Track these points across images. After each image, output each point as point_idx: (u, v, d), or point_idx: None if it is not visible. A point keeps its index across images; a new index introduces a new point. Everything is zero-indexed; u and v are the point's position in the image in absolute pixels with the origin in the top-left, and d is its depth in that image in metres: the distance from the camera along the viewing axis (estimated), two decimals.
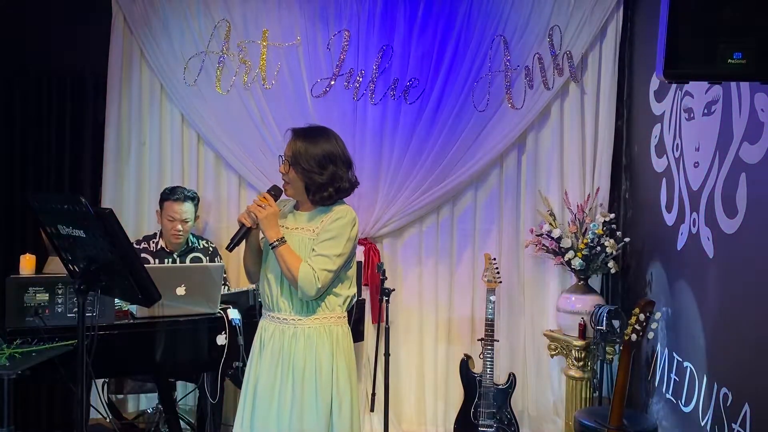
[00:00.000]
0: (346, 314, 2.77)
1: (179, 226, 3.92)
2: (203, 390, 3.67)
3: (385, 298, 3.86)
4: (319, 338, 2.66)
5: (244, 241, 2.74)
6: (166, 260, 3.97)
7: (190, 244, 4.06)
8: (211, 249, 4.13)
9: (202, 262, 4.04)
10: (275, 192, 2.73)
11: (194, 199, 4.04)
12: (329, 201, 2.68)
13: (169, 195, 3.97)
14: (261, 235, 2.76)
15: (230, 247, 2.72)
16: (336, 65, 4.32)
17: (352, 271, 2.77)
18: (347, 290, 2.75)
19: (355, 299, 2.82)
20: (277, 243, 2.61)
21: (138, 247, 3.97)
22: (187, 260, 4.01)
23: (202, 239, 4.16)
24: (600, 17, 4.23)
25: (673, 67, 1.76)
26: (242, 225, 2.70)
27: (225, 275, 4.18)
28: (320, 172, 2.62)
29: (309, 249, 2.64)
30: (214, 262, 4.05)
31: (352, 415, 2.69)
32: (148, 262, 3.91)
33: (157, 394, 3.89)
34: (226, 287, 4.02)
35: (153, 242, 4.01)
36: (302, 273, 2.58)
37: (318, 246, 2.63)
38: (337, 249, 2.62)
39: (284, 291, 2.68)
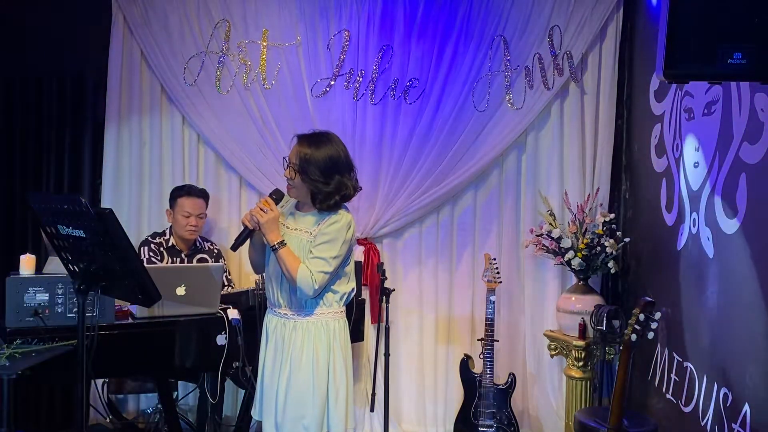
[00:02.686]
0: (343, 309, 2.90)
1: (194, 221, 3.97)
2: (203, 390, 3.67)
3: (385, 298, 3.86)
4: (316, 332, 2.80)
5: (248, 240, 2.88)
6: (176, 259, 3.99)
7: (198, 246, 4.09)
8: (215, 251, 4.15)
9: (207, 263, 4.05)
10: (277, 196, 2.84)
11: (205, 196, 4.09)
12: (335, 208, 2.80)
13: (183, 191, 4.01)
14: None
15: (234, 248, 2.87)
16: (336, 65, 4.32)
17: (350, 267, 2.90)
18: (345, 286, 2.88)
19: (353, 293, 2.94)
20: (277, 246, 2.74)
21: (153, 240, 4.01)
22: (194, 261, 4.03)
23: (207, 241, 4.18)
24: (600, 17, 4.23)
25: (673, 67, 1.77)
26: (245, 227, 2.82)
27: (230, 276, 4.19)
28: (327, 182, 2.75)
29: (307, 250, 2.76)
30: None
31: (347, 405, 2.84)
32: (163, 257, 3.95)
33: (157, 394, 3.89)
34: (230, 288, 4.04)
35: (164, 239, 4.04)
36: (300, 275, 2.71)
37: (315, 249, 2.75)
38: (333, 251, 2.75)
39: (283, 289, 2.83)
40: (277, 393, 2.80)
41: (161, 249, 3.99)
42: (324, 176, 2.73)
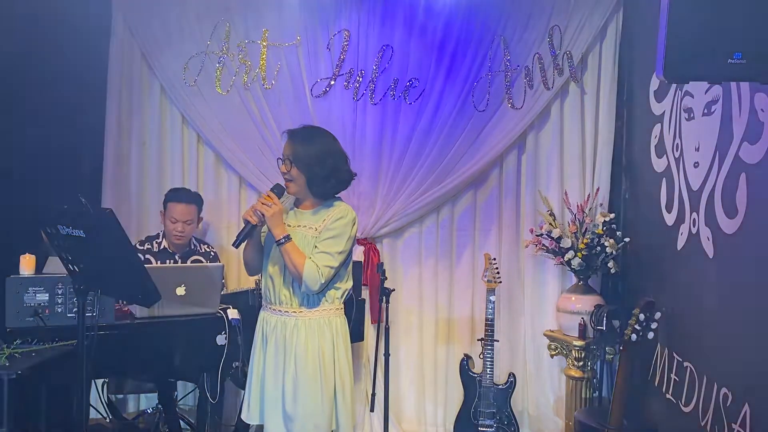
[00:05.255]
0: (343, 306, 2.92)
1: (180, 228, 3.94)
2: (203, 390, 3.67)
3: (385, 298, 3.86)
4: (319, 328, 2.80)
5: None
6: (168, 261, 3.98)
7: (192, 247, 4.08)
8: (212, 254, 4.14)
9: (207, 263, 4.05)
10: (278, 191, 2.84)
11: (197, 201, 4.06)
12: (332, 192, 2.83)
13: (172, 197, 3.99)
14: (263, 231, 2.87)
15: (236, 244, 2.84)
16: (336, 65, 4.32)
17: (349, 266, 2.92)
18: (345, 284, 2.90)
19: (351, 291, 2.98)
20: (283, 240, 2.74)
21: (141, 247, 3.98)
22: (188, 262, 4.02)
23: (204, 243, 4.17)
24: (600, 17, 4.23)
25: (673, 67, 1.76)
26: (247, 222, 2.80)
27: (223, 280, 4.18)
28: (321, 164, 2.76)
29: (312, 246, 2.76)
30: None
31: (353, 399, 2.86)
32: (150, 263, 3.92)
33: (157, 394, 3.89)
34: (224, 289, 4.03)
35: (156, 242, 4.03)
36: (307, 269, 2.71)
37: (321, 244, 2.76)
38: (339, 247, 2.76)
39: (286, 284, 2.82)
40: (283, 393, 2.77)
41: (146, 256, 3.96)
42: (319, 161, 2.75)
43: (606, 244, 4.01)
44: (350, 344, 2.94)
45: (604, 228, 4.06)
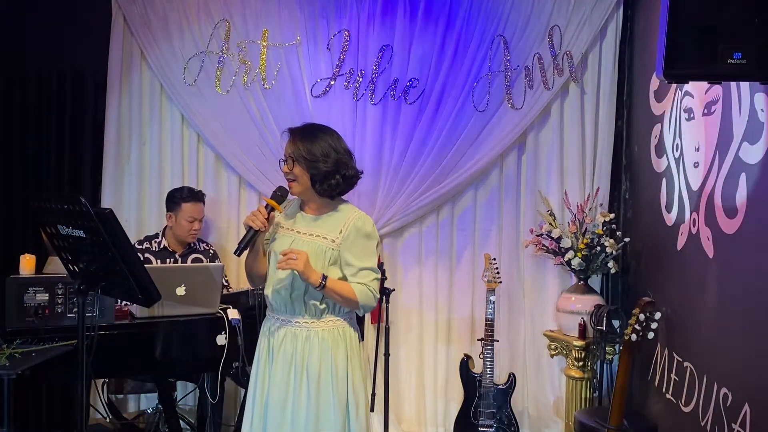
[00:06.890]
0: (355, 314, 2.78)
1: (197, 226, 4.00)
2: (203, 390, 3.67)
3: (385, 298, 3.86)
4: (333, 341, 2.66)
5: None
6: (168, 260, 3.98)
7: (192, 246, 4.08)
8: (211, 252, 4.14)
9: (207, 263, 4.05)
10: (281, 193, 2.70)
11: (204, 198, 4.11)
12: (337, 189, 2.66)
13: (189, 197, 3.97)
14: (266, 238, 2.74)
15: (238, 252, 2.65)
16: (336, 65, 4.32)
17: None
18: None
19: None
20: (323, 283, 2.57)
21: (140, 247, 3.98)
22: (189, 261, 4.02)
23: (203, 242, 4.17)
24: (600, 17, 4.23)
25: (673, 67, 1.77)
26: (249, 228, 2.63)
27: (225, 277, 4.19)
28: (324, 160, 2.61)
29: (328, 258, 2.63)
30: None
31: (367, 415, 2.74)
32: (150, 262, 3.92)
33: (157, 394, 3.89)
34: (227, 290, 4.03)
35: (155, 242, 4.03)
36: (360, 295, 2.62)
37: (357, 261, 2.64)
38: (374, 258, 2.69)
39: (296, 296, 2.66)
40: (293, 409, 2.62)
41: (146, 255, 3.96)
42: (322, 156, 2.60)
43: (606, 244, 4.01)
44: (362, 354, 2.80)
45: (604, 228, 4.07)
